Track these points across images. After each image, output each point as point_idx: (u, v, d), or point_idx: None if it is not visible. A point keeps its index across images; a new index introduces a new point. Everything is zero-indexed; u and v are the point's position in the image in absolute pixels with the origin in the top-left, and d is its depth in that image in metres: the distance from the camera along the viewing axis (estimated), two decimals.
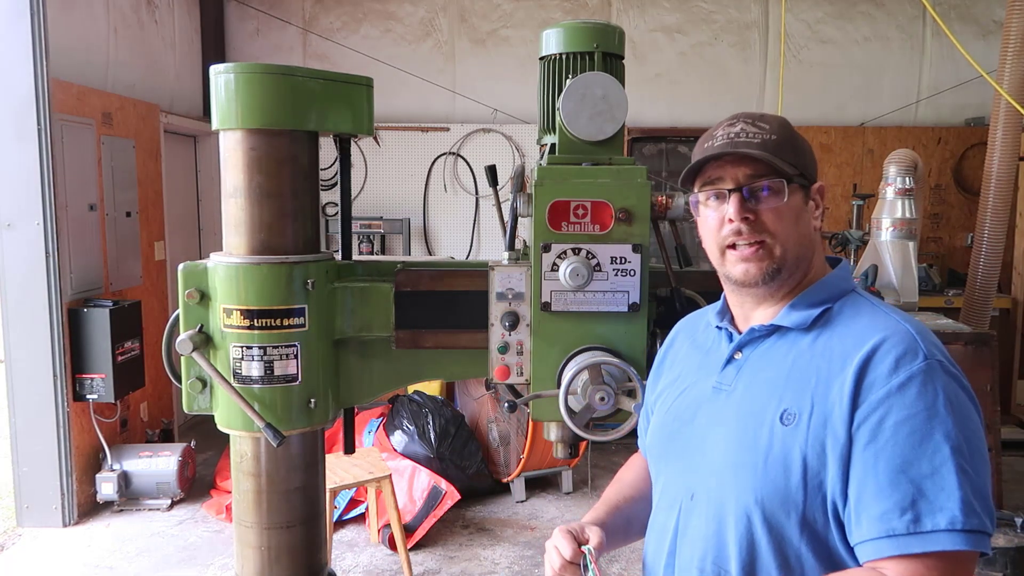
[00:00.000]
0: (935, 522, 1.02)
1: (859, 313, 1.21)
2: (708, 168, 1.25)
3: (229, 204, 1.48)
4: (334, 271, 1.54)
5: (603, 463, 5.56)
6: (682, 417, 1.31)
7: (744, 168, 1.21)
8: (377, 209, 6.76)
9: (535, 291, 1.48)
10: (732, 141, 1.23)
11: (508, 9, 6.85)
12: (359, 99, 1.52)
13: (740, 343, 1.27)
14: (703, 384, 1.30)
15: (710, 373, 1.30)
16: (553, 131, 1.57)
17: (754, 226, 1.20)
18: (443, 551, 4.27)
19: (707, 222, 1.26)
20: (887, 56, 6.84)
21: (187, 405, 1.52)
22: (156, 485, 4.72)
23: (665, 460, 1.35)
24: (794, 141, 1.25)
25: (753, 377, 1.23)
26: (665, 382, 1.42)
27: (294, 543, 1.56)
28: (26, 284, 4.34)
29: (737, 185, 1.21)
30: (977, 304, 4.73)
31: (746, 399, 1.21)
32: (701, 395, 1.29)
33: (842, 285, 1.26)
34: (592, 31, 1.57)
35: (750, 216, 1.20)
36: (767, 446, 1.15)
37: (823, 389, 1.13)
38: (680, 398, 1.34)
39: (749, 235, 1.21)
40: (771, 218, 1.20)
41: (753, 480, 1.15)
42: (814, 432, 1.11)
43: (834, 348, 1.16)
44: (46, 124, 4.24)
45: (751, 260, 1.21)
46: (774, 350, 1.23)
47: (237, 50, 6.85)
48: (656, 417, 1.41)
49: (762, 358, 1.24)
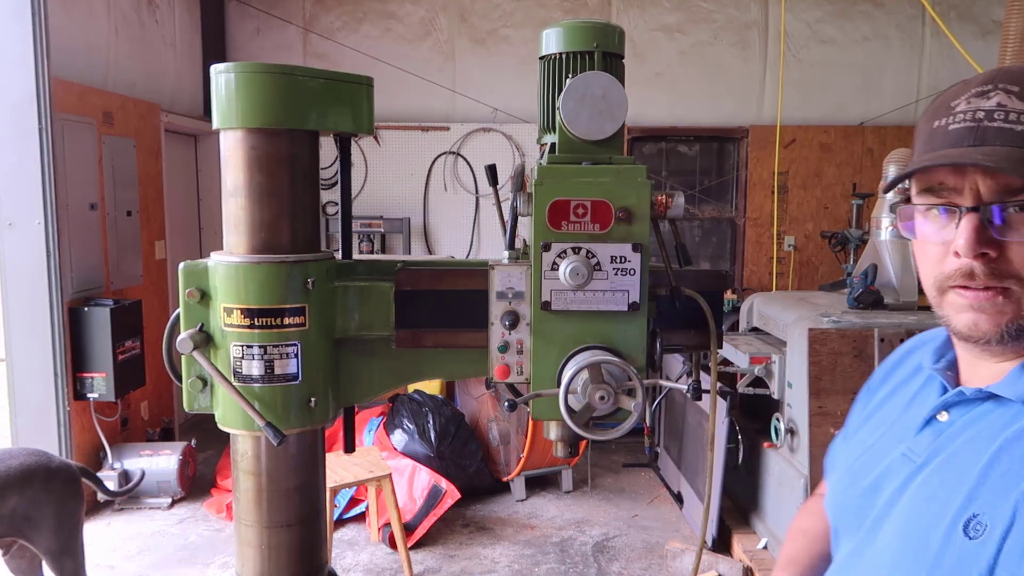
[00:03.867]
0: None
1: None
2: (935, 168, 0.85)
3: (229, 203, 1.49)
4: (334, 270, 1.54)
5: (603, 462, 5.57)
6: (860, 484, 1.00)
7: (993, 175, 0.81)
8: (377, 208, 6.76)
9: (535, 290, 1.48)
10: (979, 127, 0.82)
11: (508, 8, 6.85)
12: (359, 98, 1.53)
13: (947, 403, 0.92)
14: (895, 447, 0.97)
15: (905, 434, 0.97)
16: (553, 130, 1.57)
17: (996, 266, 0.82)
18: (443, 550, 4.27)
19: (925, 247, 0.89)
20: (887, 55, 6.85)
21: (187, 404, 1.53)
22: (157, 484, 4.72)
23: (840, 529, 1.06)
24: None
25: (953, 454, 0.88)
26: (862, 418, 1.11)
27: (294, 542, 1.57)
28: (27, 283, 4.34)
29: (978, 202, 0.82)
30: None
31: (933, 483, 0.88)
32: (888, 462, 0.97)
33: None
34: (592, 30, 1.57)
35: (991, 252, 0.82)
36: (936, 557, 0.82)
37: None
38: (866, 456, 1.03)
39: (986, 279, 0.83)
40: (1023, 253, 0.81)
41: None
42: (1008, 559, 0.76)
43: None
44: (47, 123, 4.25)
45: (985, 311, 0.84)
46: (987, 422, 0.87)
47: (237, 49, 6.86)
48: (840, 467, 1.11)
49: (971, 429, 0.88)
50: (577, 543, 4.39)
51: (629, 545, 4.38)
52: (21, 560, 2.90)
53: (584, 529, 4.57)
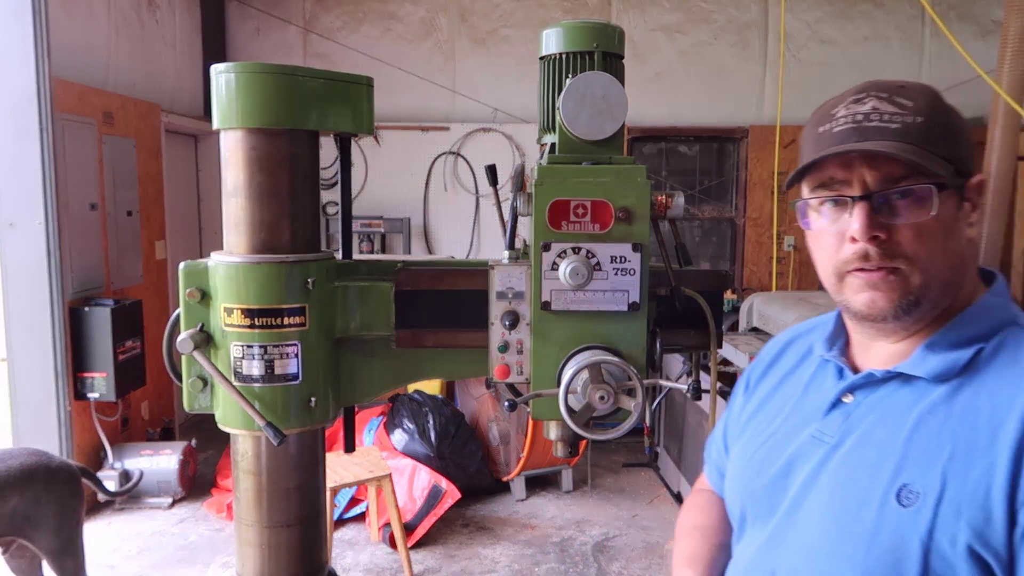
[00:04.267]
0: None
1: (1019, 357, 0.89)
2: (825, 163, 0.94)
3: (229, 203, 1.49)
4: (334, 270, 1.54)
5: (603, 462, 5.57)
6: (768, 472, 1.04)
7: (876, 167, 0.90)
8: (377, 208, 6.76)
9: (535, 290, 1.48)
10: (860, 127, 0.91)
11: (508, 9, 6.85)
12: (360, 98, 1.53)
13: (852, 385, 0.99)
14: (800, 431, 1.02)
15: (809, 418, 1.02)
16: (553, 130, 1.57)
17: (887, 247, 0.90)
18: (443, 550, 4.27)
19: (820, 238, 0.97)
20: (886, 56, 6.85)
21: (188, 404, 1.53)
22: (157, 484, 4.72)
23: (748, 520, 1.09)
24: (948, 123, 0.92)
25: (866, 433, 0.94)
26: (750, 411, 1.17)
27: (294, 542, 1.57)
28: (27, 283, 4.34)
29: (866, 191, 0.91)
30: None
31: (852, 461, 0.94)
32: (796, 447, 1.02)
33: (999, 315, 0.94)
34: (592, 30, 1.57)
35: (881, 235, 0.90)
36: (873, 529, 0.87)
37: (961, 465, 0.85)
38: (768, 444, 1.07)
39: (879, 259, 0.90)
40: (910, 237, 0.89)
41: (851, 570, 0.88)
42: (943, 522, 0.83)
43: (980, 408, 0.87)
44: (47, 123, 4.25)
45: (879, 288, 0.91)
46: (896, 399, 0.94)
47: (238, 50, 6.86)
48: (736, 460, 1.15)
49: (879, 408, 0.95)
50: (577, 543, 4.39)
51: (629, 545, 4.38)
52: (21, 560, 2.90)
53: (584, 529, 4.57)
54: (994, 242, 4.67)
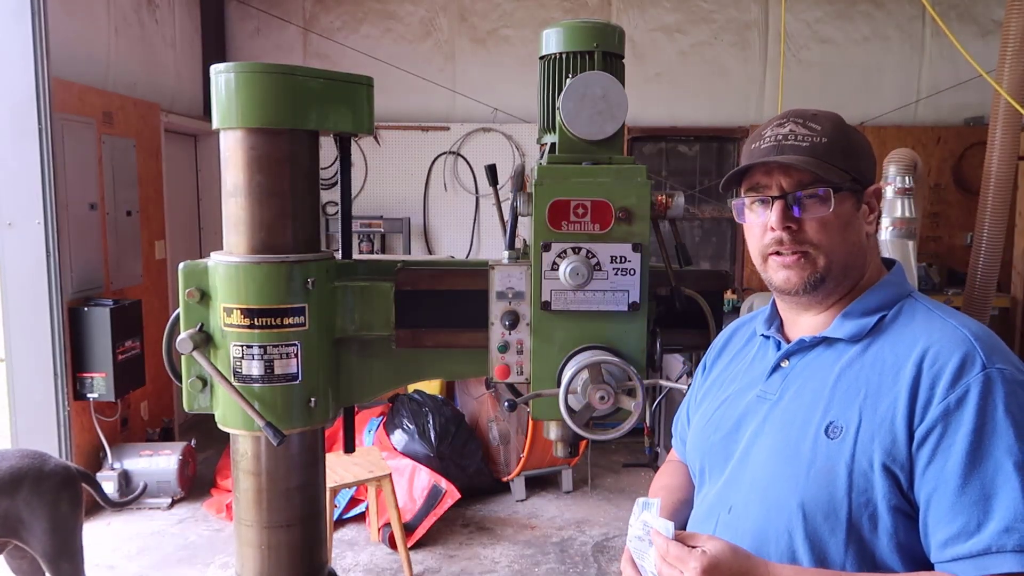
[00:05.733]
0: (1001, 543, 0.99)
1: (913, 320, 1.15)
2: (754, 172, 1.21)
3: (229, 203, 1.49)
4: (334, 270, 1.54)
5: (603, 462, 5.57)
6: (723, 428, 1.28)
7: (790, 175, 1.17)
8: (377, 208, 6.76)
9: (535, 290, 1.48)
10: (779, 144, 1.18)
11: (508, 8, 6.85)
12: (359, 98, 1.53)
13: (787, 352, 1.24)
14: (747, 393, 1.26)
15: (755, 382, 1.26)
16: (553, 130, 1.57)
17: (796, 236, 1.17)
18: (443, 550, 4.27)
19: (751, 228, 1.23)
20: (886, 56, 6.84)
21: (187, 404, 1.53)
22: (157, 484, 4.72)
23: (707, 472, 1.31)
24: (848, 142, 1.19)
25: (799, 387, 1.19)
26: (707, 387, 1.39)
27: (294, 542, 1.57)
28: (27, 283, 4.34)
29: (781, 193, 1.17)
30: (976, 303, 4.73)
31: (790, 410, 1.18)
32: (745, 405, 1.25)
33: (897, 290, 1.21)
34: (592, 30, 1.57)
35: (792, 226, 1.17)
36: (810, 458, 1.11)
37: (872, 402, 1.09)
38: (722, 407, 1.31)
39: (791, 245, 1.17)
40: (815, 228, 1.16)
41: (795, 493, 1.12)
42: (861, 447, 1.07)
43: (885, 358, 1.12)
44: (47, 123, 4.25)
45: (792, 268, 1.18)
46: (822, 359, 1.19)
47: (238, 49, 6.85)
48: (696, 425, 1.38)
49: (809, 367, 1.20)
50: (577, 543, 4.39)
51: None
52: (22, 560, 2.89)
53: (584, 529, 4.57)
54: (995, 241, 4.66)
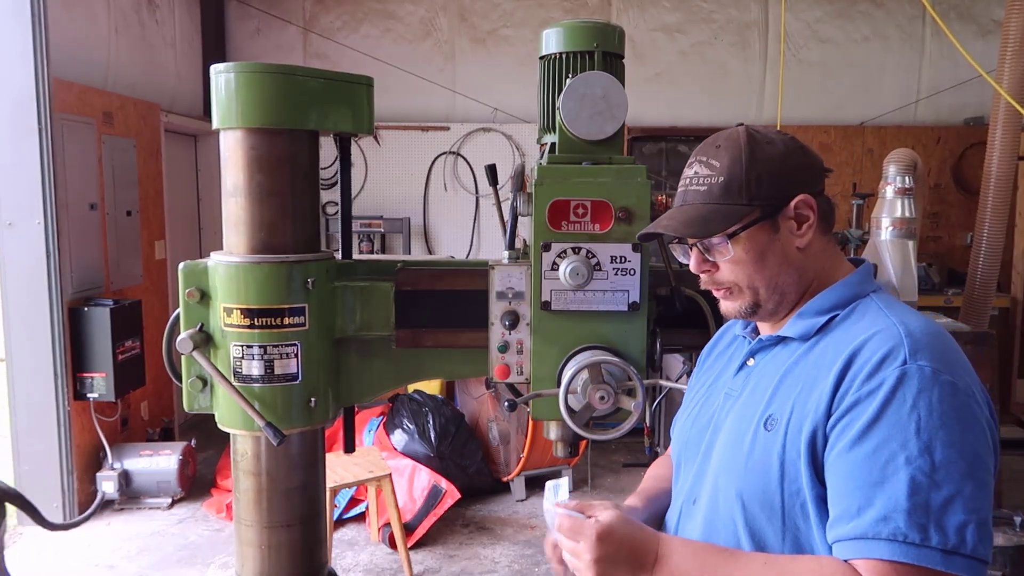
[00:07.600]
0: (876, 531, 1.02)
1: (863, 318, 1.17)
2: None
3: (229, 203, 1.49)
4: (334, 270, 1.54)
5: (603, 462, 5.57)
6: (698, 424, 1.34)
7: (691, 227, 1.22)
8: (377, 208, 6.76)
9: (535, 290, 1.48)
10: (685, 191, 1.25)
11: (508, 8, 6.85)
12: (359, 98, 1.52)
13: (752, 350, 1.29)
14: (721, 391, 1.32)
15: (727, 380, 1.32)
16: (553, 130, 1.57)
17: (715, 277, 1.24)
18: (443, 550, 4.27)
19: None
20: (886, 55, 6.84)
21: (187, 404, 1.53)
22: (157, 484, 4.72)
23: (682, 465, 1.37)
24: (748, 174, 1.19)
25: (755, 384, 1.24)
26: (697, 386, 1.45)
27: (294, 542, 1.57)
28: (27, 283, 4.34)
29: (693, 241, 1.24)
30: (976, 303, 4.73)
31: (744, 405, 1.24)
32: (716, 402, 1.31)
33: (854, 290, 1.22)
34: (592, 30, 1.57)
35: (711, 268, 1.24)
36: (749, 450, 1.16)
37: (804, 395, 1.13)
38: (699, 404, 1.37)
39: (712, 284, 1.26)
40: (728, 269, 1.22)
41: (736, 484, 1.17)
42: (791, 438, 1.12)
43: (827, 354, 1.15)
44: (47, 123, 4.25)
45: (726, 300, 1.26)
46: (777, 357, 1.24)
47: (237, 49, 6.85)
48: (677, 421, 1.44)
49: (767, 365, 1.25)
50: None
51: None
52: None
53: None
54: (995, 241, 4.66)
